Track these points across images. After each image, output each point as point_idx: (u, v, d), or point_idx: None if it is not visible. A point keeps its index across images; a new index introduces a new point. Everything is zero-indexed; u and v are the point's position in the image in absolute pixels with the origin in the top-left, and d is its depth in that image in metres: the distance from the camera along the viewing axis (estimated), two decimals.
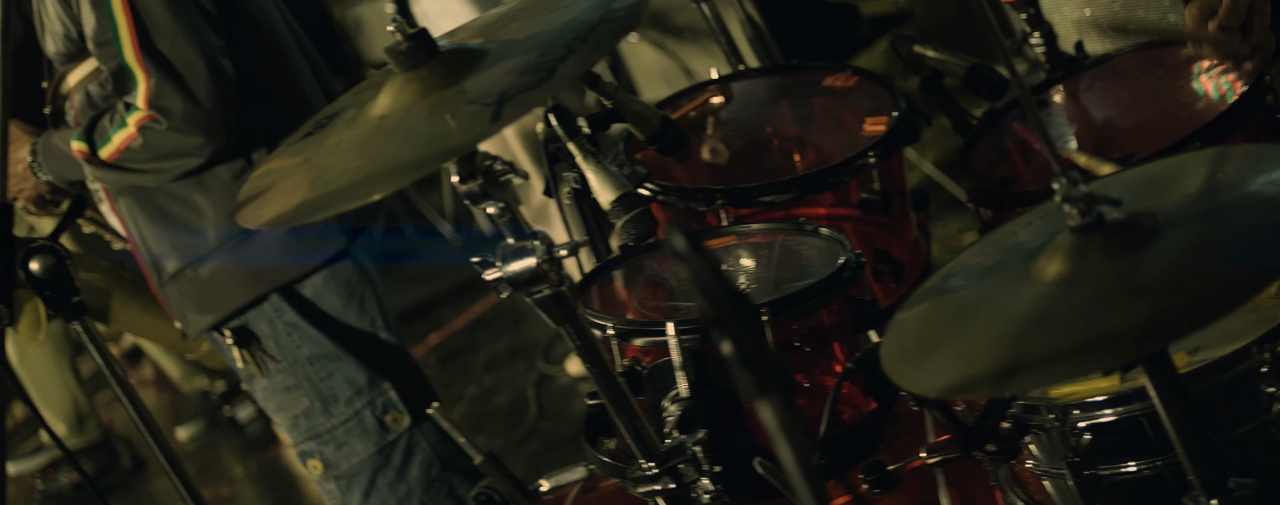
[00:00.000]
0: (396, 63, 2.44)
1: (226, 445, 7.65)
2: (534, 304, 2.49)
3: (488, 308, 7.62)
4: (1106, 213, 1.88)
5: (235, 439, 7.64)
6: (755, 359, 1.66)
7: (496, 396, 6.64)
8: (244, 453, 7.51)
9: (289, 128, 3.71)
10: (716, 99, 3.61)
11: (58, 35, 3.83)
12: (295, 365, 3.99)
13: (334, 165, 2.41)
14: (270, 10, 3.97)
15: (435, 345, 7.53)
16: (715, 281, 1.63)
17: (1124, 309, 1.81)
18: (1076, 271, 1.88)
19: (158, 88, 3.58)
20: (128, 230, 3.99)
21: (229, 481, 7.24)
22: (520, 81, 2.29)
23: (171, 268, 3.94)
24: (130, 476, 7.72)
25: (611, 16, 2.39)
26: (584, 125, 3.07)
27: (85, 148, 3.73)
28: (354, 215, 3.96)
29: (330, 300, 3.99)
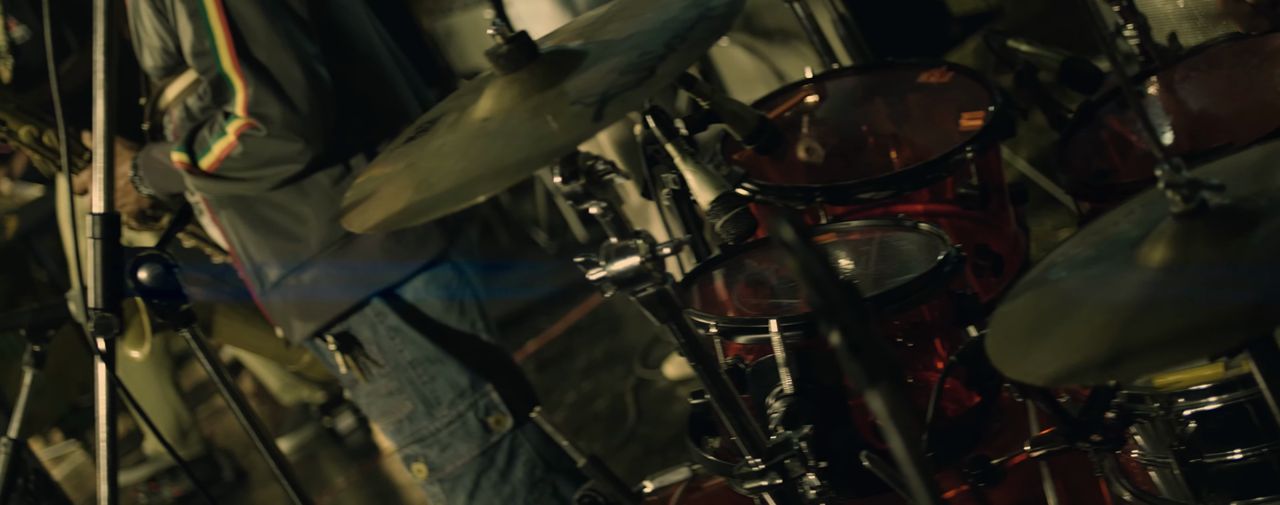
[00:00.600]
0: (497, 65, 2.47)
1: (327, 456, 7.70)
2: (638, 302, 2.50)
3: (584, 314, 7.65)
4: (1209, 198, 1.88)
5: (336, 450, 7.69)
6: (865, 348, 1.67)
7: (595, 402, 6.66)
8: (345, 463, 7.56)
9: (386, 134, 3.78)
10: (811, 98, 3.61)
11: (155, 49, 3.88)
12: (398, 369, 4.01)
13: (438, 168, 2.44)
14: (362, 19, 4.01)
15: (533, 352, 7.56)
16: (823, 270, 1.65)
17: (1229, 294, 1.81)
18: (1180, 257, 1.88)
19: (256, 95, 3.62)
20: (229, 241, 4.04)
21: (331, 492, 7.29)
22: (621, 81, 2.31)
23: (274, 276, 3.98)
24: (233, 489, 7.79)
25: (709, 15, 2.41)
26: (681, 126, 3.06)
27: (186, 158, 3.78)
28: (452, 218, 3.99)
29: (431, 303, 4.01)
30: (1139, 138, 3.19)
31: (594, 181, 2.44)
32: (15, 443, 4.32)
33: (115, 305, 2.62)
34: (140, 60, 4.01)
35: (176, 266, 2.67)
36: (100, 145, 2.61)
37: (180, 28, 3.69)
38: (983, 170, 3.20)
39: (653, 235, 2.47)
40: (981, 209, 3.23)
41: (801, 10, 3.80)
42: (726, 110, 3.18)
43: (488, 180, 2.29)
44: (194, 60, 3.71)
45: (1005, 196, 3.32)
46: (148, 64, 3.97)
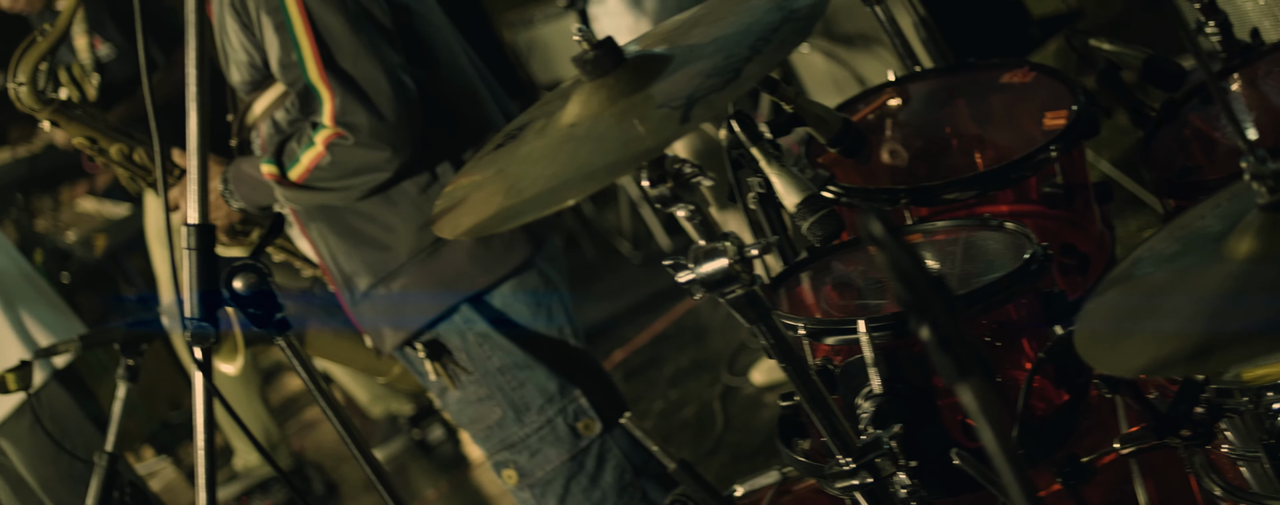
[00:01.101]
0: (584, 71, 2.50)
1: (417, 468, 7.74)
2: (727, 304, 2.52)
3: (670, 323, 7.67)
4: None
5: (426, 461, 7.73)
6: (955, 342, 1.68)
7: (683, 410, 6.68)
8: (435, 475, 7.59)
9: (471, 143, 3.81)
10: (894, 101, 3.61)
11: (242, 64, 3.93)
12: (487, 376, 4.04)
13: (527, 174, 2.47)
14: (444, 30, 4.05)
15: (620, 361, 7.59)
16: (912, 266, 1.66)
17: None
18: (1268, 248, 1.89)
19: (343, 104, 3.66)
20: (318, 252, 4.08)
21: (422, 503, 7.33)
22: (707, 83, 2.33)
23: (363, 285, 4.01)
24: (324, 502, 7.85)
25: (793, 17, 2.43)
26: (766, 130, 3.07)
27: (275, 170, 3.82)
28: (538, 225, 4.03)
29: (519, 310, 4.04)
30: (1222, 134, 3.18)
31: (681, 184, 2.46)
32: (111, 456, 4.38)
33: (211, 315, 2.66)
34: (227, 76, 4.06)
35: (270, 274, 2.70)
36: (194, 157, 2.64)
37: (267, 41, 3.74)
38: (1067, 169, 3.19)
39: (740, 237, 2.49)
40: (1066, 208, 3.22)
41: (882, 13, 3.80)
42: (810, 113, 3.19)
43: (577, 184, 2.31)
44: (281, 72, 3.76)
45: (1090, 195, 3.31)
46: (235, 79, 4.02)
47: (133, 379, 4.37)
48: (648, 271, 8.56)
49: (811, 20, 2.39)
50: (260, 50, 3.81)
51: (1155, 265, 2.16)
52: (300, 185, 3.81)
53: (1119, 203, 3.50)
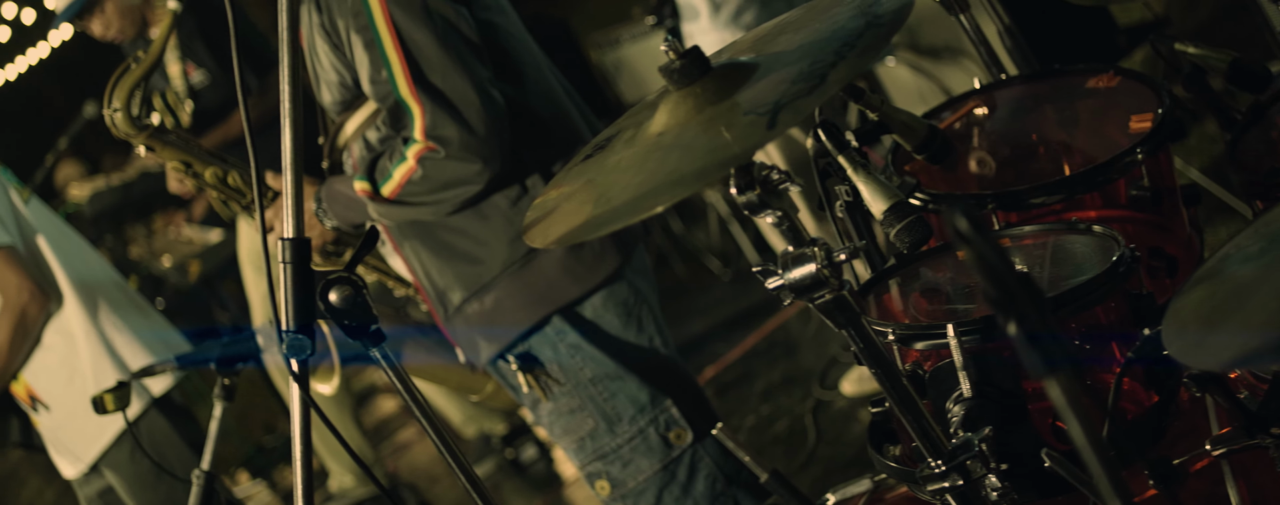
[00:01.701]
0: (671, 81, 2.53)
1: (511, 487, 7.79)
2: (816, 309, 2.54)
3: (761, 339, 7.70)
4: None
5: (519, 480, 7.77)
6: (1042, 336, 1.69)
7: (775, 424, 6.69)
8: (529, 494, 7.64)
9: (560, 156, 3.85)
10: (980, 110, 3.62)
11: (333, 84, 3.99)
12: (579, 387, 4.07)
13: (616, 182, 2.49)
14: (529, 46, 4.10)
15: (711, 378, 7.62)
16: (998, 260, 1.68)
17: None
18: None
19: (433, 118, 3.71)
20: (412, 268, 4.13)
21: None
22: (793, 89, 2.35)
23: (457, 299, 4.05)
24: None
25: (877, 22, 2.45)
26: (852, 139, 3.08)
27: (368, 186, 3.87)
28: (627, 236, 4.07)
29: (610, 320, 4.07)
30: None
31: (769, 191, 2.48)
32: (207, 475, 4.43)
33: (308, 327, 2.70)
34: (318, 97, 4.12)
35: (365, 287, 2.73)
36: (289, 172, 2.68)
37: (357, 59, 3.80)
38: (1154, 172, 3.19)
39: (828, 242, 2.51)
40: (1154, 211, 3.22)
41: (967, 21, 3.80)
42: (896, 121, 3.20)
43: (665, 191, 2.34)
44: (371, 88, 3.81)
45: (1177, 199, 3.31)
46: (326, 100, 4.08)
47: (229, 398, 4.43)
48: (737, 288, 8.61)
49: (895, 26, 2.41)
50: (350, 69, 3.87)
51: (1241, 262, 2.17)
52: (393, 200, 3.86)
53: (1208, 210, 3.50)
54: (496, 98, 3.78)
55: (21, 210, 5.77)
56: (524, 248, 3.92)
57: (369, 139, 4.02)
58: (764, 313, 7.85)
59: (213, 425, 4.46)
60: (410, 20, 3.70)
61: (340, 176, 4.13)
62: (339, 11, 3.77)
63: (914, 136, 3.24)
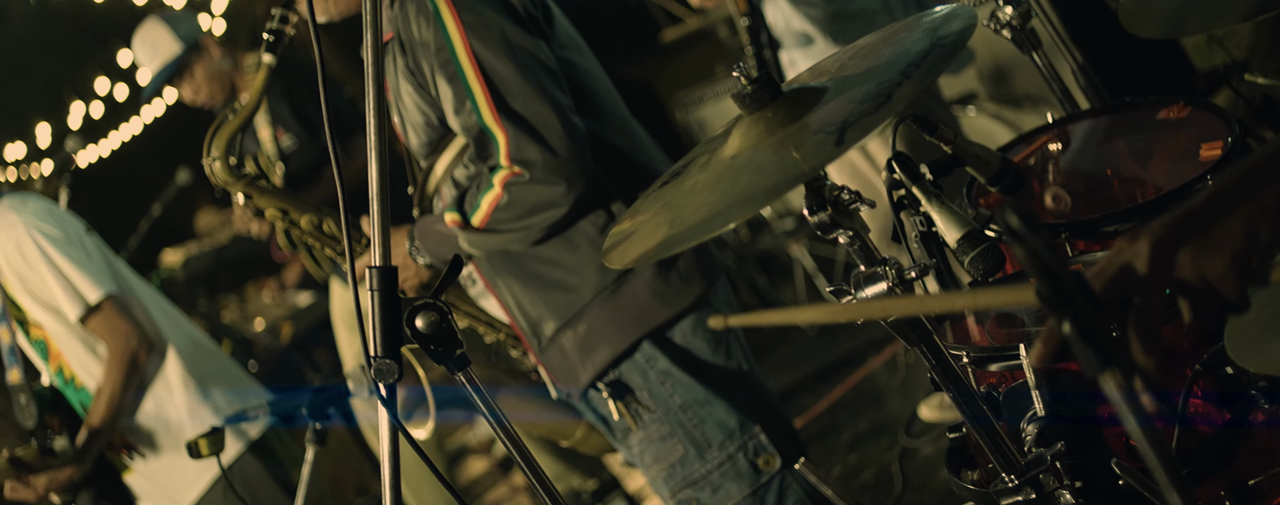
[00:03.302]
0: (743, 106, 2.60)
1: None
2: (889, 327, 2.59)
3: (847, 390, 7.71)
4: None
5: None
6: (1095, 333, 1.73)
7: (862, 473, 6.70)
8: None
9: (640, 186, 3.92)
10: (1053, 145, 3.65)
11: (419, 125, 4.11)
12: (669, 413, 4.12)
13: (690, 203, 2.56)
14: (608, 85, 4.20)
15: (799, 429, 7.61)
16: (1051, 257, 1.72)
17: None
18: None
19: (516, 142, 3.81)
20: (505, 304, 4.20)
21: None
22: (860, 108, 2.42)
23: (550, 330, 4.13)
24: None
25: (941, 43, 2.52)
26: (926, 171, 3.14)
27: (458, 217, 3.97)
28: (710, 262, 4.15)
29: (698, 346, 4.13)
30: None
31: (841, 211, 2.54)
32: None
33: (395, 353, 2.76)
34: (406, 141, 4.22)
35: (450, 312, 2.80)
36: (376, 201, 2.75)
37: (441, 93, 3.92)
38: None
39: (900, 261, 2.57)
40: None
41: (1041, 60, 3.84)
42: (970, 154, 3.25)
43: (738, 208, 2.40)
44: (456, 119, 3.93)
45: None
46: (413, 144, 4.19)
47: (321, 442, 4.49)
48: (823, 341, 8.63)
49: (959, 46, 2.48)
50: (435, 106, 3.99)
51: None
52: (483, 229, 3.96)
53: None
54: (577, 123, 3.88)
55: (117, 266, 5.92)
56: (613, 274, 4.02)
57: (457, 178, 4.13)
58: (850, 364, 7.88)
59: (305, 470, 4.53)
60: (490, 51, 3.82)
61: (431, 215, 4.22)
62: (421, 51, 3.90)
63: (988, 169, 3.28)
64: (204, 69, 7.81)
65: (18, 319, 5.85)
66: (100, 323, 5.73)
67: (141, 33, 7.85)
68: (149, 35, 7.81)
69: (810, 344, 8.72)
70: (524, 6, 3.96)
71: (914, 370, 7.31)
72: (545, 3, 4.12)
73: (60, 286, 5.71)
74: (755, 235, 9.71)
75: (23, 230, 5.76)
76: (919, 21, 2.81)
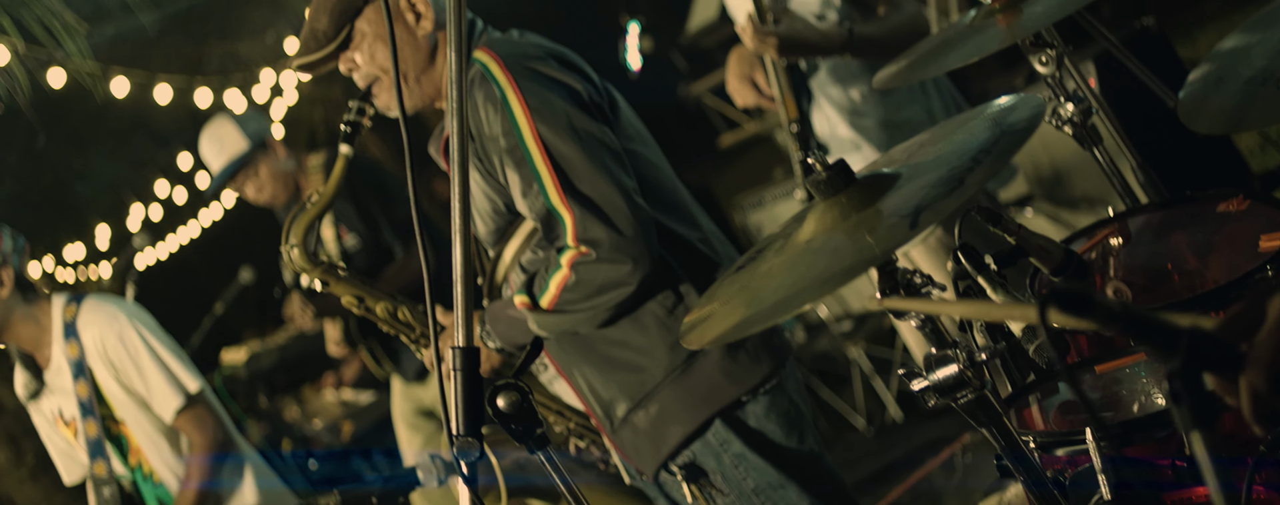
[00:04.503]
0: (818, 191, 2.68)
1: None
2: (959, 409, 2.65)
3: (904, 491, 7.72)
4: None
5: None
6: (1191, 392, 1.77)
7: None
8: None
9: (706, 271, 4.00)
10: (1114, 239, 3.69)
11: (487, 213, 4.22)
12: (742, 497, 4.16)
13: (767, 285, 2.64)
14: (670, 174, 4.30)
15: None
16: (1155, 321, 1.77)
17: None
18: None
19: (582, 222, 3.91)
20: (577, 388, 4.27)
21: None
22: (933, 193, 2.50)
23: (622, 411, 4.19)
24: None
25: (1010, 130, 2.60)
26: (991, 261, 3.20)
27: (526, 299, 4.06)
28: (779, 345, 4.21)
29: (772, 428, 4.18)
30: None
31: (913, 293, 2.61)
32: None
33: (477, 431, 2.82)
34: (474, 230, 4.29)
35: (530, 392, 2.86)
36: (459, 284, 2.82)
37: (510, 178, 4.02)
38: None
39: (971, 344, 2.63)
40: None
41: (1101, 156, 3.90)
42: (1033, 244, 3.30)
43: (814, 289, 2.48)
44: (524, 202, 4.02)
45: None
46: (481, 232, 4.30)
47: None
48: (881, 443, 8.66)
49: (1028, 132, 2.55)
50: (503, 192, 4.10)
51: None
52: (552, 311, 4.03)
53: None
54: (642, 204, 3.98)
55: None
56: (683, 354, 4.08)
57: (525, 264, 4.23)
58: (907, 466, 7.89)
59: None
60: (556, 135, 3.94)
61: (501, 300, 4.30)
62: (489, 140, 4.01)
63: (1051, 260, 3.33)
64: (269, 168, 7.95)
65: (103, 414, 5.96)
66: (191, 416, 5.87)
67: (210, 129, 8.01)
68: (217, 132, 7.97)
69: (867, 445, 8.75)
70: (589, 93, 4.07)
71: (971, 472, 7.33)
72: (611, 93, 4.23)
73: (161, 378, 5.85)
74: (812, 337, 9.77)
75: (126, 321, 5.90)
76: (982, 112, 2.89)
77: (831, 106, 5.92)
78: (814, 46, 5.50)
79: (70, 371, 5.90)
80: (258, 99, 12.46)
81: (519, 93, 3.96)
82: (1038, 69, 3.78)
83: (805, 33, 5.46)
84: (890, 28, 5.61)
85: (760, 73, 6.02)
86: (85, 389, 5.87)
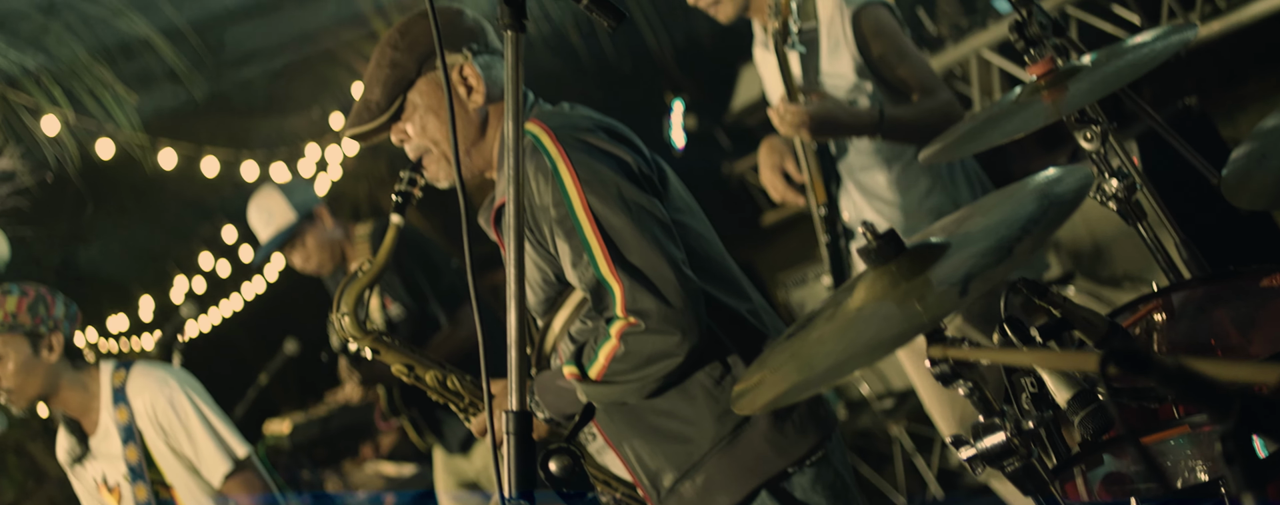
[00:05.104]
0: (868, 260, 2.73)
1: None
2: (1007, 476, 2.69)
3: None
4: None
5: None
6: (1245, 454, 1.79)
7: None
8: None
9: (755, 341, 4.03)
10: (1157, 315, 3.72)
11: (537, 283, 4.26)
12: None
13: (818, 352, 2.69)
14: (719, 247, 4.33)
15: None
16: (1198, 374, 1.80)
17: None
18: None
19: (631, 292, 3.93)
20: (625, 458, 4.29)
21: None
22: (982, 262, 2.55)
23: (669, 481, 4.19)
24: None
25: (1057, 200, 2.65)
26: (1036, 334, 3.24)
27: (576, 370, 4.07)
28: (826, 417, 4.22)
29: (817, 501, 4.17)
30: None
31: (962, 361, 2.66)
32: None
33: (530, 495, 2.86)
34: None
35: (583, 457, 2.91)
36: (514, 349, 2.86)
37: (560, 248, 4.06)
38: None
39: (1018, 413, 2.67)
40: None
41: (1146, 231, 3.93)
42: (1078, 317, 3.34)
43: (865, 355, 2.53)
44: (573, 272, 4.05)
45: None
46: (531, 302, 4.34)
47: None
48: None
49: (1076, 203, 2.61)
50: (553, 263, 4.14)
51: None
52: (601, 381, 4.04)
53: None
54: (691, 275, 4.00)
55: None
56: (731, 424, 4.09)
57: (573, 334, 4.25)
58: None
59: None
60: (607, 207, 3.98)
61: (550, 370, 4.34)
62: (540, 210, 4.06)
63: (1095, 333, 3.36)
64: (316, 238, 8.05)
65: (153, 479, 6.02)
66: (240, 481, 5.94)
67: (257, 200, 8.11)
68: (265, 203, 8.07)
69: None
70: (639, 165, 4.12)
71: None
72: (660, 165, 4.28)
73: (211, 443, 5.93)
74: (854, 415, 9.79)
75: (176, 387, 5.99)
76: (1029, 184, 2.94)
77: (858, 192, 6.00)
78: (845, 126, 5.58)
79: (119, 436, 5.97)
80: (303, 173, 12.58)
81: (569, 164, 4.01)
82: (1083, 145, 3.82)
83: (837, 112, 5.55)
84: (922, 112, 5.68)
85: (790, 161, 6.10)
86: (135, 454, 5.94)
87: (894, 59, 5.75)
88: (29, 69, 10.37)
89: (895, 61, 5.75)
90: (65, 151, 10.66)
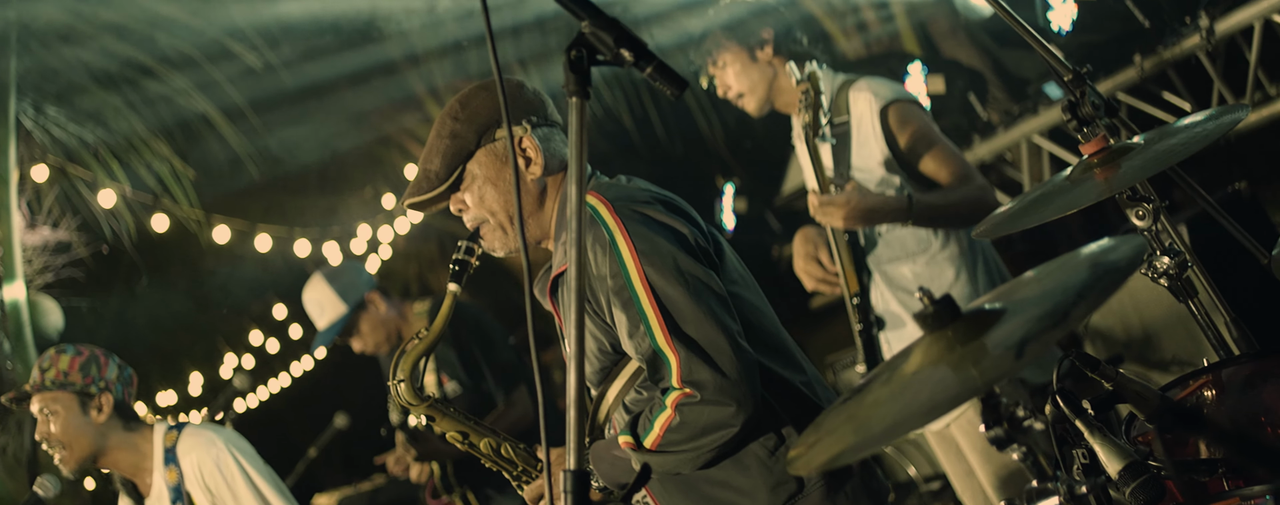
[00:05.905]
0: (924, 325, 2.78)
1: None
2: None
3: None
4: None
5: None
6: None
7: None
8: None
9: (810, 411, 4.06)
10: (1208, 390, 3.75)
11: (592, 353, 4.29)
12: None
13: (874, 414, 2.73)
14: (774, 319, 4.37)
15: None
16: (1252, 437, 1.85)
17: None
18: None
19: (687, 364, 3.95)
20: None
21: None
22: (1037, 326, 2.59)
23: None
24: None
25: (1111, 267, 2.69)
26: (1088, 406, 3.27)
27: (631, 439, 4.10)
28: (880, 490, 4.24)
29: None
30: None
31: (1015, 427, 2.70)
32: None
33: None
34: None
35: None
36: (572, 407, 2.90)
37: (616, 319, 4.09)
38: None
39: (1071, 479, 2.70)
40: None
41: (1197, 309, 3.96)
42: (1130, 390, 3.38)
43: (919, 417, 2.56)
44: (630, 343, 4.09)
45: None
46: (587, 371, 4.37)
47: None
48: None
49: (1130, 270, 2.65)
50: (609, 332, 4.17)
51: None
52: (655, 451, 4.07)
53: None
54: (746, 346, 4.03)
55: None
56: (784, 495, 4.11)
57: (628, 404, 4.29)
58: None
59: None
60: (663, 279, 4.01)
61: (605, 439, 4.36)
62: (597, 280, 4.09)
63: (1147, 406, 3.40)
64: (370, 323, 8.17)
65: None
66: None
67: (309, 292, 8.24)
68: (316, 296, 8.21)
69: None
70: (696, 239, 4.15)
71: None
72: (716, 237, 4.32)
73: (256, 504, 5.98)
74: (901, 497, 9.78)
75: (223, 447, 6.05)
76: (1082, 253, 2.98)
77: (885, 283, 6.13)
78: (876, 211, 5.76)
79: (169, 497, 6.03)
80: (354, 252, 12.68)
81: (627, 235, 4.05)
82: (1135, 223, 3.85)
83: (868, 199, 5.73)
84: (952, 199, 5.82)
85: (824, 251, 6.23)
86: None
87: (922, 149, 5.97)
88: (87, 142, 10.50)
89: (923, 152, 5.92)
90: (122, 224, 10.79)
